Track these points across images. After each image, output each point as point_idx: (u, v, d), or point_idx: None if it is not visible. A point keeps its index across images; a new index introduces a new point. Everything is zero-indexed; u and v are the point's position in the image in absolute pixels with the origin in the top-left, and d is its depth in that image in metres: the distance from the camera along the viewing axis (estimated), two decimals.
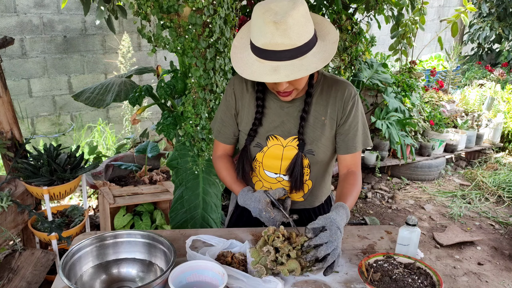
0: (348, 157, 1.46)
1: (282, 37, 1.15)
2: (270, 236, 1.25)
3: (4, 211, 2.03)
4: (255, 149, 1.46)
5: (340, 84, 1.42)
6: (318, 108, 1.42)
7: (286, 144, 1.43)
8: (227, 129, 1.52)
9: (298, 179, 1.43)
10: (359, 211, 3.76)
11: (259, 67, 1.21)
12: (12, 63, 3.81)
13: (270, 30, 1.15)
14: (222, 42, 1.85)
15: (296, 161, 1.41)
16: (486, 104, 5.42)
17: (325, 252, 1.18)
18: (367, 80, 3.94)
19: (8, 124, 2.24)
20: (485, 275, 2.89)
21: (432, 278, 1.21)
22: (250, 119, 1.45)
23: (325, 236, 1.20)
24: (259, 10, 1.17)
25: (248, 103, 1.46)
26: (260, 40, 1.18)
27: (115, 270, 1.29)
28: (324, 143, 1.43)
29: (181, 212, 2.16)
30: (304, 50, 1.19)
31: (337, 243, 1.20)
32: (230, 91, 1.49)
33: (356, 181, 1.44)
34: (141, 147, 3.17)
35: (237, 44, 1.32)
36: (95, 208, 3.38)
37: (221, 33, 1.83)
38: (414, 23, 3.83)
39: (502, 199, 4.03)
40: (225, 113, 1.51)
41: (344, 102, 1.41)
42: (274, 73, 1.18)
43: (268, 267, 1.21)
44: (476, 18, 7.83)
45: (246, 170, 1.47)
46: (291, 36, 1.15)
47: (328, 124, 1.42)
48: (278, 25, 1.13)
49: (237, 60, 1.27)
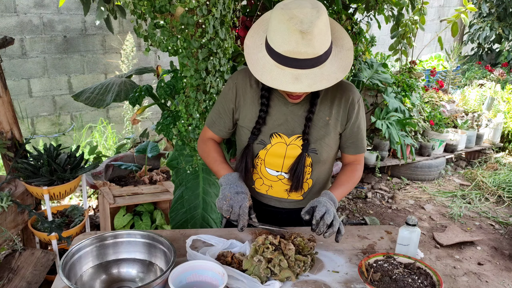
0: (355, 156, 1.54)
1: (306, 46, 1.15)
2: (260, 247, 1.25)
3: (4, 211, 2.03)
4: (258, 146, 1.46)
5: (345, 87, 1.44)
6: (323, 108, 1.42)
7: (290, 143, 1.44)
8: (221, 122, 1.52)
9: (300, 178, 1.43)
10: (359, 211, 3.76)
11: (280, 74, 1.20)
12: (12, 63, 3.81)
13: (295, 38, 1.14)
14: (216, 43, 1.84)
15: (300, 161, 1.42)
16: (486, 104, 5.42)
17: (330, 218, 1.28)
18: (367, 80, 3.94)
19: (8, 124, 2.24)
20: (485, 275, 2.89)
21: (432, 278, 1.21)
22: (254, 116, 1.45)
23: (321, 209, 1.29)
24: (282, 16, 1.15)
25: (251, 99, 1.45)
26: (283, 47, 1.17)
27: (115, 270, 1.29)
28: (328, 143, 1.44)
29: (181, 212, 2.16)
30: (324, 58, 1.20)
31: (333, 211, 1.31)
32: (232, 84, 1.47)
33: (354, 173, 1.51)
34: (141, 147, 3.17)
35: (249, 44, 1.30)
36: (95, 208, 3.38)
37: (215, 33, 1.82)
38: (414, 23, 3.83)
39: (502, 199, 4.03)
40: (222, 105, 1.50)
41: (350, 105, 1.43)
42: (296, 82, 1.18)
43: (261, 276, 1.21)
44: (476, 18, 7.83)
45: (248, 168, 1.46)
46: (315, 46, 1.16)
47: (332, 124, 1.43)
48: (304, 34, 1.13)
49: (253, 63, 1.26)
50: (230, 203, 1.33)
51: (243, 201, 1.33)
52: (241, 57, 2.48)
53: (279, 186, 1.50)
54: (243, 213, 1.32)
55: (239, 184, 1.39)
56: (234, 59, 2.52)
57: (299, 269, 1.23)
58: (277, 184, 1.50)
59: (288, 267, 1.22)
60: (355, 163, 1.53)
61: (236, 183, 1.39)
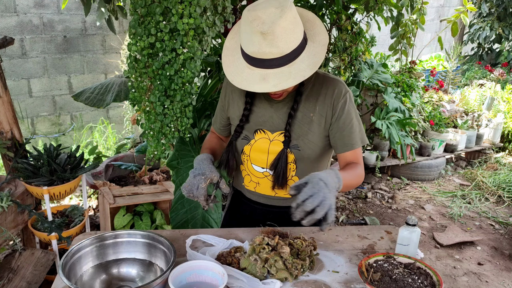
0: (348, 154, 1.44)
1: (269, 46, 1.16)
2: (256, 247, 1.26)
3: (4, 211, 2.03)
4: (242, 142, 1.49)
5: (330, 82, 1.42)
6: (308, 104, 1.42)
7: (273, 138, 1.45)
8: (218, 120, 1.62)
9: (281, 174, 1.42)
10: (359, 211, 3.76)
11: (249, 74, 1.22)
12: (12, 63, 3.81)
13: (258, 39, 1.15)
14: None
15: (281, 156, 1.41)
16: (486, 104, 5.42)
17: (312, 204, 1.12)
18: (367, 80, 3.94)
19: (8, 124, 2.24)
20: (485, 275, 2.89)
21: (432, 278, 1.21)
22: (239, 115, 1.49)
23: (309, 190, 1.14)
24: (246, 17, 1.17)
25: (238, 96, 1.50)
26: (249, 48, 1.19)
27: (115, 270, 1.29)
28: (311, 139, 1.43)
29: (181, 212, 2.16)
30: (292, 56, 1.20)
31: (323, 195, 1.14)
32: (225, 83, 1.56)
33: (355, 167, 1.40)
34: (141, 147, 3.18)
35: (228, 45, 1.33)
36: (95, 208, 3.38)
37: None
38: (414, 23, 3.83)
39: (502, 199, 4.03)
40: (218, 103, 1.60)
41: (334, 99, 1.40)
42: (263, 82, 1.20)
43: (258, 275, 1.21)
44: (476, 18, 7.83)
45: (230, 164, 1.50)
46: (278, 45, 1.16)
47: (316, 120, 1.42)
48: (265, 35, 1.14)
49: (227, 64, 1.29)
50: (188, 189, 1.36)
51: (198, 182, 1.35)
52: None
53: (266, 183, 1.51)
54: (199, 194, 1.35)
55: (201, 165, 1.40)
56: None
57: (296, 271, 1.23)
58: (263, 181, 1.51)
59: (285, 269, 1.22)
60: (353, 162, 1.46)
61: (198, 165, 1.40)
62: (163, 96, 1.90)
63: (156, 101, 1.89)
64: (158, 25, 1.78)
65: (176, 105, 1.92)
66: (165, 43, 1.81)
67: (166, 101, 1.91)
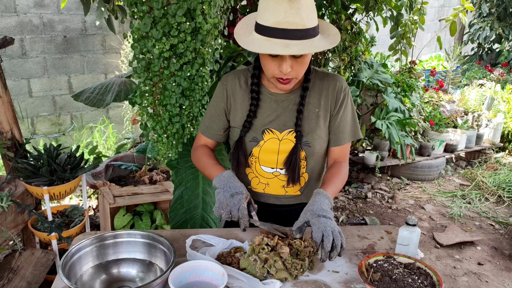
0: (337, 149, 1.49)
1: (294, 16, 1.19)
2: (256, 247, 1.26)
3: (4, 211, 2.03)
4: (251, 144, 1.47)
5: (331, 77, 1.47)
6: (312, 100, 1.44)
7: (282, 138, 1.45)
8: (215, 125, 1.52)
9: (296, 171, 1.43)
10: (359, 211, 3.76)
11: (270, 44, 1.22)
12: (12, 63, 3.81)
13: (284, 8, 1.18)
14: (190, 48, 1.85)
15: (294, 153, 1.42)
16: (486, 104, 5.42)
17: (329, 242, 1.20)
18: (367, 80, 3.94)
19: (8, 124, 2.24)
20: (485, 275, 2.89)
21: (432, 278, 1.21)
22: (245, 113, 1.47)
23: (318, 232, 1.22)
24: None
25: (241, 98, 1.48)
26: (272, 18, 1.20)
27: (115, 270, 1.29)
28: (319, 135, 1.45)
29: (180, 212, 2.15)
30: (312, 34, 1.23)
31: (330, 227, 1.22)
32: (222, 87, 1.50)
33: (340, 170, 1.45)
34: (141, 147, 3.18)
35: (239, 32, 1.33)
36: (95, 208, 3.38)
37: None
38: (413, 23, 3.83)
39: (502, 199, 4.03)
40: (214, 108, 1.51)
41: (337, 93, 1.45)
42: (285, 48, 1.21)
43: (258, 275, 1.21)
44: (476, 18, 7.83)
45: (241, 162, 1.47)
46: (302, 16, 1.19)
47: (322, 115, 1.45)
48: (292, 3, 1.18)
49: (243, 43, 1.29)
50: (227, 209, 1.31)
51: (240, 202, 1.30)
52: (240, 57, 2.48)
53: (276, 183, 1.51)
54: (242, 215, 1.30)
55: (233, 183, 1.35)
56: (234, 59, 2.52)
57: (296, 271, 1.23)
58: (273, 181, 1.50)
59: (285, 269, 1.22)
60: (338, 160, 1.49)
61: (229, 183, 1.35)
62: (181, 97, 1.90)
63: (173, 102, 1.87)
64: (179, 26, 1.75)
65: (195, 105, 1.92)
66: (186, 43, 1.80)
67: (185, 101, 1.89)
